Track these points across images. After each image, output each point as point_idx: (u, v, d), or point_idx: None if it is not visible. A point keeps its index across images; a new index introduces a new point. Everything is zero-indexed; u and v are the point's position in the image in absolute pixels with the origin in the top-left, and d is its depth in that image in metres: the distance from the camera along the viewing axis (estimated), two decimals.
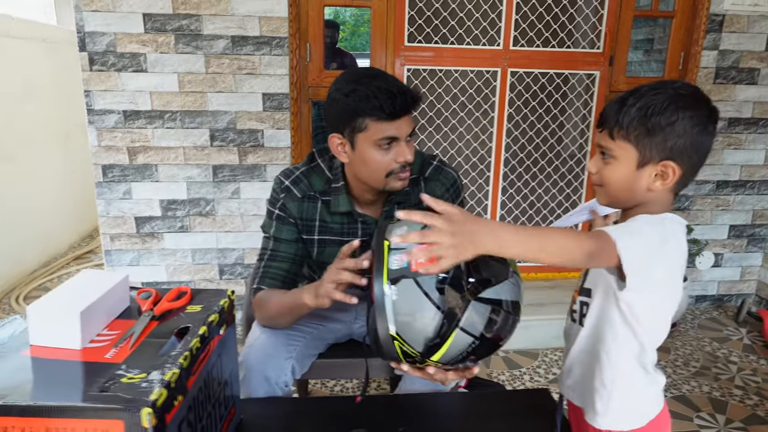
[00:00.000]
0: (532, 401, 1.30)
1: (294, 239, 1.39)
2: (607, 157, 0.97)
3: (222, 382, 1.03)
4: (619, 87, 2.76)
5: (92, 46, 2.32)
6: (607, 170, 0.98)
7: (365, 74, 1.24)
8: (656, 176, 0.95)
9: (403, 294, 0.92)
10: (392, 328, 0.93)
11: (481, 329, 0.94)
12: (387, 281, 0.92)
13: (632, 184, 0.96)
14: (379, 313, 0.92)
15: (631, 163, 0.95)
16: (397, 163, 1.24)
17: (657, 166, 0.94)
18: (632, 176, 0.95)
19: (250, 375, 1.30)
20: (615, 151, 0.96)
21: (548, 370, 2.43)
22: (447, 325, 0.92)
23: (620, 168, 0.96)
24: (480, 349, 0.96)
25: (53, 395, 0.75)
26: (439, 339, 0.93)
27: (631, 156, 0.94)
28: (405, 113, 1.22)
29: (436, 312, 0.92)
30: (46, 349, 0.87)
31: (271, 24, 2.39)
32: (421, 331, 0.93)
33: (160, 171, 2.49)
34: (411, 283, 0.92)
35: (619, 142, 0.95)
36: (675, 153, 0.93)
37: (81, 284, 0.96)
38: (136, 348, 0.88)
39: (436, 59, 2.64)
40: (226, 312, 1.04)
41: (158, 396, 0.74)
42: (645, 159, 0.94)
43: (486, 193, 2.86)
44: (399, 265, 0.92)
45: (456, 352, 0.95)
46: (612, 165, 0.97)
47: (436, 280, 0.92)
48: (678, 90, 0.93)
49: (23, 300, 3.08)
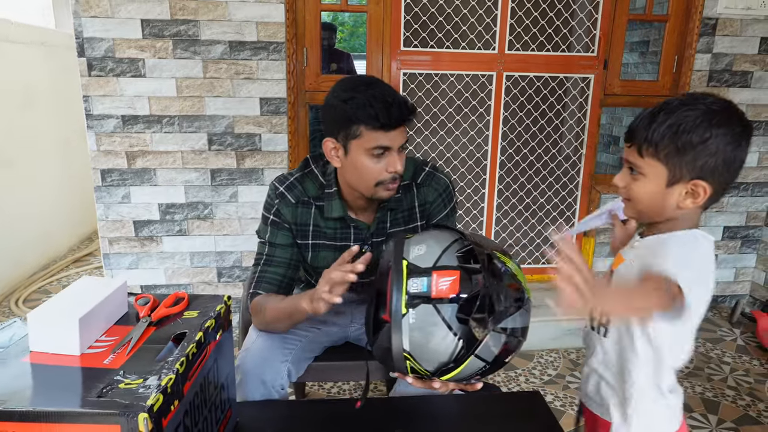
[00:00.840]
0: (525, 403, 1.32)
1: (289, 244, 1.41)
2: (635, 173, 0.95)
3: (218, 385, 1.05)
4: (613, 90, 2.78)
5: (91, 51, 2.34)
6: (635, 186, 0.96)
7: (364, 82, 1.26)
8: (686, 194, 0.92)
9: (420, 318, 0.92)
10: (407, 345, 0.94)
11: (495, 355, 0.95)
12: (405, 301, 0.92)
13: (661, 202, 0.94)
14: (395, 331, 0.92)
15: (660, 181, 0.93)
16: (387, 173, 1.26)
17: (687, 185, 0.91)
18: (661, 194, 0.93)
19: (247, 378, 1.32)
20: (644, 168, 0.94)
21: (543, 371, 2.45)
22: (464, 352, 0.94)
23: (649, 185, 0.94)
24: (490, 371, 0.99)
25: (52, 401, 0.77)
26: (453, 364, 0.95)
27: (661, 174, 0.92)
28: (400, 124, 1.23)
29: (454, 339, 0.93)
30: (45, 355, 0.89)
31: (268, 29, 2.41)
32: (435, 354, 0.94)
33: (159, 175, 2.51)
34: (430, 308, 0.92)
35: (648, 160, 0.93)
36: (706, 172, 0.90)
37: (80, 291, 0.98)
38: (134, 354, 0.90)
39: (432, 63, 2.66)
40: (222, 317, 1.06)
41: (155, 401, 0.76)
42: (675, 178, 0.91)
43: (482, 196, 2.88)
44: (418, 289, 0.92)
45: (467, 375, 0.97)
46: (640, 181, 0.95)
47: (457, 309, 0.92)
48: (710, 106, 0.90)
49: (23, 303, 3.10)
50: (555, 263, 0.78)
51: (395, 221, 1.43)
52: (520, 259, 3.02)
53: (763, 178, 2.94)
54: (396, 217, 1.43)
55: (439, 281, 0.92)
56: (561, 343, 2.65)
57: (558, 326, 2.63)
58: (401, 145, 1.26)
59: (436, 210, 1.44)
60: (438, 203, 1.43)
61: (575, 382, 2.36)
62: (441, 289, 0.91)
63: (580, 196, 2.94)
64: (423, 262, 0.95)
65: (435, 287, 0.92)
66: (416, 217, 1.44)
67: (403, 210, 1.42)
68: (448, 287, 0.92)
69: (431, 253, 0.96)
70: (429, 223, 1.45)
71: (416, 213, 1.44)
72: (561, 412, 2.14)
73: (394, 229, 1.43)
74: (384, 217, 1.41)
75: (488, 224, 2.93)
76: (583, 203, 2.95)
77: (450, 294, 0.92)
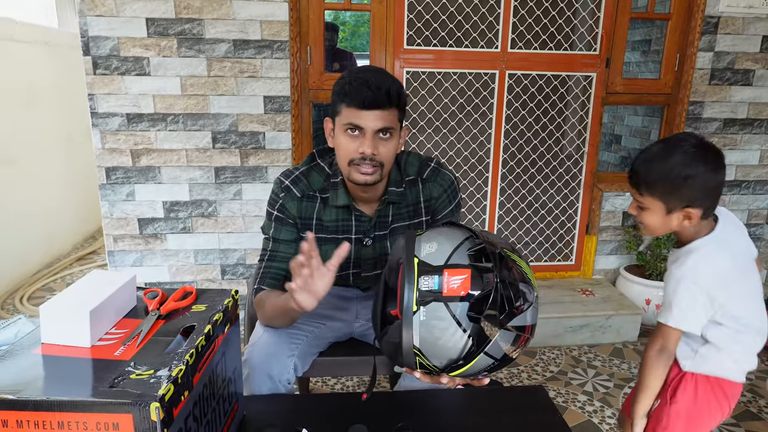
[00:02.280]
0: (528, 398, 1.33)
1: (293, 239, 1.42)
2: (641, 205, 1.25)
3: (226, 379, 1.06)
4: (615, 88, 2.79)
5: (96, 50, 2.35)
6: (643, 216, 1.26)
7: (363, 68, 1.32)
8: (682, 218, 1.22)
9: (431, 315, 0.93)
10: (417, 342, 0.95)
11: (504, 352, 0.97)
12: (416, 298, 0.93)
13: (666, 225, 1.25)
14: (406, 327, 0.93)
15: (660, 211, 1.23)
16: (358, 153, 1.27)
17: (681, 212, 1.21)
18: (664, 220, 1.23)
19: (254, 373, 1.33)
20: (646, 204, 1.24)
21: (546, 368, 2.46)
22: (474, 350, 0.95)
23: (653, 215, 1.24)
24: (498, 367, 1.00)
25: (65, 391, 0.79)
26: (462, 361, 0.96)
27: (659, 206, 1.22)
28: (375, 107, 1.24)
29: (464, 336, 0.94)
30: (57, 347, 0.90)
31: (272, 28, 2.43)
32: (445, 351, 0.95)
33: (163, 173, 2.53)
34: (441, 306, 0.93)
35: (648, 198, 1.23)
36: (693, 200, 1.19)
37: (90, 284, 0.99)
38: (144, 346, 0.91)
39: (435, 62, 2.67)
40: (230, 311, 1.07)
41: (166, 391, 0.78)
42: (670, 208, 1.21)
43: (485, 194, 2.90)
44: (429, 287, 0.93)
45: (475, 371, 0.98)
46: (646, 212, 1.25)
47: (468, 308, 0.93)
48: (687, 150, 1.19)
49: (27, 300, 3.12)
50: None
51: (399, 215, 1.44)
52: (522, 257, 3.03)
53: (765, 176, 2.95)
54: (400, 211, 1.43)
55: (450, 279, 0.93)
56: (563, 340, 2.66)
57: (560, 323, 2.65)
58: (379, 129, 1.26)
59: (441, 206, 1.45)
60: (443, 199, 1.44)
61: (577, 379, 2.37)
62: (452, 287, 0.92)
63: (582, 194, 2.95)
64: (434, 259, 0.96)
65: (446, 285, 0.92)
66: (421, 212, 1.45)
67: (408, 205, 1.43)
68: (459, 285, 0.93)
69: (442, 251, 0.97)
70: (434, 218, 1.46)
71: (421, 208, 1.45)
72: (563, 408, 2.15)
73: (397, 224, 1.44)
74: (385, 211, 1.42)
75: (491, 222, 2.94)
76: (585, 201, 2.96)
77: (461, 292, 0.92)
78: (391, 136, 1.29)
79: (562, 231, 3.02)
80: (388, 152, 1.30)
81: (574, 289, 2.91)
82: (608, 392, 2.28)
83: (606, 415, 2.12)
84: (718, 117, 2.83)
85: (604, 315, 2.67)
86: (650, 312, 2.72)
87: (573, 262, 3.07)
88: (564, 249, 3.05)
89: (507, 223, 2.96)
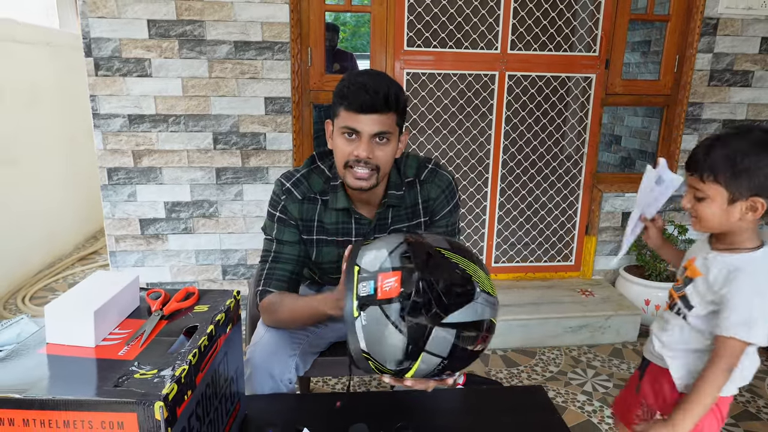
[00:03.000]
0: (528, 398, 1.34)
1: (296, 241, 1.43)
2: (699, 195, 1.14)
3: (228, 378, 1.07)
4: (615, 89, 2.80)
5: (98, 51, 2.37)
6: (700, 207, 1.15)
7: (364, 71, 1.32)
8: (746, 210, 1.10)
9: (370, 319, 0.96)
10: (363, 346, 0.98)
11: (448, 351, 0.98)
12: (356, 305, 0.97)
13: (725, 218, 1.13)
14: (350, 332, 0.98)
15: (722, 200, 1.11)
16: (353, 156, 1.28)
17: (747, 202, 1.10)
18: (724, 211, 1.12)
19: (256, 372, 1.34)
20: (706, 192, 1.12)
21: (545, 368, 2.47)
22: (413, 350, 0.97)
23: (713, 205, 1.13)
24: (451, 366, 1.01)
25: (70, 390, 0.80)
26: (408, 361, 0.98)
27: (722, 195, 1.11)
28: (371, 111, 1.25)
29: (402, 338, 0.96)
30: (61, 347, 0.91)
31: (273, 29, 2.44)
32: (389, 352, 0.98)
33: (165, 174, 2.54)
34: (377, 309, 0.96)
35: (710, 185, 1.11)
36: (762, 189, 1.08)
37: (94, 285, 1.00)
38: (147, 346, 0.93)
39: (435, 63, 2.69)
40: (232, 311, 1.08)
41: (170, 390, 0.79)
42: (735, 197, 1.10)
43: (484, 194, 2.91)
44: (366, 291, 0.97)
45: (427, 371, 1.00)
46: (705, 203, 1.14)
47: (399, 309, 0.96)
48: (759, 135, 1.09)
49: (29, 300, 3.13)
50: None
51: (398, 217, 1.45)
52: (522, 257, 3.05)
53: None
54: (399, 213, 1.45)
55: (383, 282, 0.96)
56: (562, 340, 2.67)
57: (559, 324, 2.66)
58: (375, 133, 1.27)
59: (439, 206, 1.46)
60: (441, 200, 1.45)
61: (577, 379, 2.38)
62: (385, 290, 0.96)
63: (582, 194, 2.96)
64: (371, 266, 1.00)
65: (380, 289, 0.96)
66: (419, 213, 1.46)
67: (406, 207, 1.44)
68: (391, 288, 0.96)
69: (379, 257, 1.01)
70: (432, 219, 1.47)
71: (420, 209, 1.46)
72: (563, 408, 2.16)
73: (397, 225, 1.45)
74: (385, 213, 1.43)
75: (491, 223, 2.95)
76: (584, 202, 2.97)
77: (394, 294, 0.95)
78: (389, 140, 1.29)
79: (562, 231, 3.03)
80: (384, 156, 1.30)
81: (574, 289, 2.92)
82: (607, 392, 2.29)
83: (605, 415, 2.13)
84: (718, 118, 2.84)
85: (604, 315, 2.68)
86: (649, 312, 2.73)
87: (572, 263, 3.08)
88: (564, 249, 3.06)
89: (507, 223, 2.97)
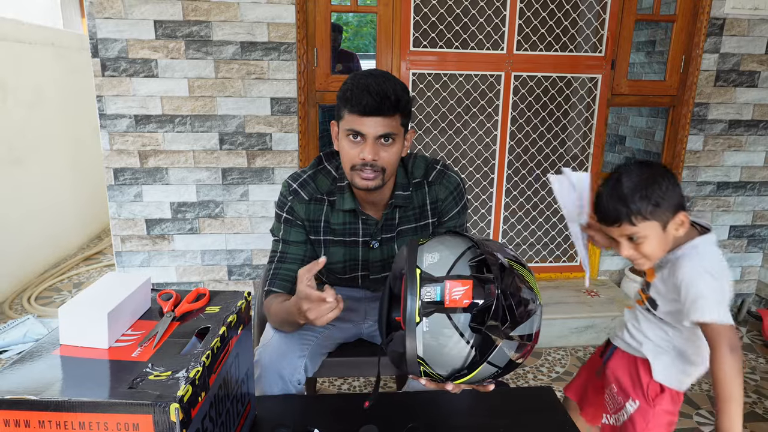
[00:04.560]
0: (536, 398, 1.34)
1: (302, 241, 1.43)
2: (636, 239, 1.23)
3: (239, 379, 1.07)
4: (621, 90, 2.80)
5: (104, 52, 2.37)
6: (643, 248, 1.24)
7: (367, 72, 1.31)
8: (677, 227, 1.23)
9: (434, 326, 0.94)
10: (420, 352, 0.96)
11: (507, 361, 0.98)
12: (419, 310, 0.94)
13: (664, 243, 1.25)
14: (410, 338, 0.94)
15: (657, 232, 1.22)
16: (359, 159, 1.28)
17: (675, 221, 1.22)
18: (662, 239, 1.23)
19: (265, 373, 1.34)
20: (642, 232, 1.22)
21: (551, 368, 2.47)
22: (477, 360, 0.96)
23: (652, 240, 1.23)
24: (502, 375, 1.01)
25: (85, 391, 0.80)
26: (466, 370, 0.97)
27: (655, 227, 1.22)
28: (376, 114, 1.25)
29: (467, 347, 0.94)
30: (75, 348, 0.91)
31: (279, 30, 2.44)
32: (448, 361, 0.96)
33: (171, 174, 2.54)
34: (443, 317, 0.94)
35: (642, 224, 1.21)
36: (680, 205, 1.22)
37: (106, 286, 1.01)
38: (160, 347, 0.93)
39: (441, 63, 2.69)
40: (243, 313, 1.08)
41: (185, 392, 0.79)
42: (664, 222, 1.22)
43: (490, 195, 2.91)
44: (431, 297, 0.94)
45: (479, 379, 0.99)
46: (645, 243, 1.23)
47: (470, 319, 0.94)
48: (644, 169, 1.23)
49: (34, 300, 3.14)
50: None
51: (405, 218, 1.45)
52: (527, 257, 3.04)
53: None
54: (406, 214, 1.45)
55: (452, 290, 0.94)
56: (568, 341, 2.67)
57: (565, 324, 2.65)
58: (380, 135, 1.27)
59: (447, 208, 1.46)
60: (449, 201, 1.45)
61: None
62: (454, 298, 0.93)
63: None
64: (436, 270, 0.97)
65: (448, 296, 0.93)
66: (427, 214, 1.46)
67: (414, 208, 1.44)
68: (461, 296, 0.94)
69: (444, 262, 0.98)
70: (440, 220, 1.47)
71: (427, 210, 1.46)
72: None
73: (404, 227, 1.45)
74: (392, 214, 1.43)
75: (496, 223, 2.95)
76: None
77: (463, 303, 0.93)
78: (393, 141, 1.29)
79: (567, 232, 3.03)
80: (389, 157, 1.30)
81: (579, 290, 2.92)
82: None
83: None
84: (723, 118, 2.83)
85: (610, 316, 2.68)
86: None
87: (578, 263, 3.07)
88: (569, 250, 3.06)
89: (512, 224, 2.97)
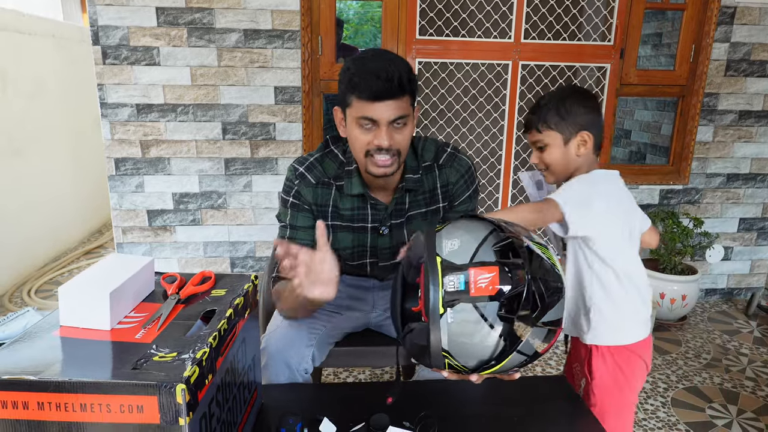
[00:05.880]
0: (549, 387, 1.30)
1: (310, 226, 1.39)
2: (542, 147, 1.36)
3: (246, 366, 1.03)
4: (629, 80, 2.76)
5: (105, 40, 2.33)
6: (545, 156, 1.36)
7: (369, 54, 1.27)
8: (579, 145, 1.33)
9: (459, 317, 0.88)
10: (445, 344, 0.90)
11: (535, 349, 0.92)
12: (443, 301, 0.88)
13: (566, 157, 1.35)
14: (434, 331, 0.88)
15: (559, 143, 1.34)
16: (373, 145, 1.24)
17: (577, 138, 1.33)
18: (563, 151, 1.34)
19: (272, 362, 1.30)
20: (545, 140, 1.35)
21: (560, 361, 2.43)
22: (505, 349, 0.90)
23: (554, 150, 1.35)
24: (529, 363, 0.95)
25: (87, 372, 0.76)
26: (494, 361, 0.91)
27: (557, 138, 1.34)
28: (387, 98, 1.21)
29: (496, 337, 0.89)
30: (76, 329, 0.88)
31: (283, 17, 2.40)
32: (476, 352, 0.91)
33: (173, 164, 2.51)
34: (469, 307, 0.87)
35: (546, 132, 1.34)
36: (585, 125, 1.32)
37: (109, 267, 0.97)
38: (164, 329, 0.89)
39: (447, 52, 2.65)
40: (250, 296, 1.04)
41: (192, 373, 0.75)
42: (567, 136, 1.33)
43: (497, 186, 2.87)
44: (455, 287, 0.87)
45: (507, 368, 0.94)
46: (547, 150, 1.36)
47: (498, 308, 0.88)
48: (568, 89, 1.38)
49: (34, 293, 3.10)
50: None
51: (415, 202, 1.41)
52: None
53: None
54: (416, 198, 1.41)
55: (477, 278, 0.87)
56: None
57: None
58: (393, 119, 1.23)
59: (459, 191, 1.42)
60: (461, 184, 1.41)
61: None
62: (480, 287, 0.86)
63: None
64: (458, 257, 0.90)
65: (473, 285, 0.86)
66: (438, 198, 1.42)
67: (425, 191, 1.40)
68: (487, 284, 0.87)
69: (466, 248, 0.91)
70: (451, 204, 1.43)
71: (438, 194, 1.42)
72: None
73: (414, 211, 1.41)
74: (402, 198, 1.39)
75: None
76: None
77: (489, 291, 0.87)
78: (406, 123, 1.26)
79: None
80: (404, 139, 1.27)
81: None
82: None
83: None
84: (734, 109, 2.79)
85: None
86: (664, 306, 2.69)
87: None
88: None
89: None
